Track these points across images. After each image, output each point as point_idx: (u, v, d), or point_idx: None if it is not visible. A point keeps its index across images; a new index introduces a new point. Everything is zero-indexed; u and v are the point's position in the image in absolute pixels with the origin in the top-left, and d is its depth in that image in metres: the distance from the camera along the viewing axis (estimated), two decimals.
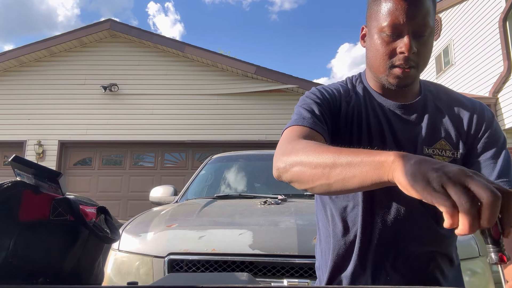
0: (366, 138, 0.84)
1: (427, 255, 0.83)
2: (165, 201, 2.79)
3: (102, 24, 7.83)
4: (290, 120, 0.86)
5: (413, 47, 0.75)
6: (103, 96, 7.71)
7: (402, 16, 0.74)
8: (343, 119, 0.86)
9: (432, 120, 0.84)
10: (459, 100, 0.88)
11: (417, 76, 0.81)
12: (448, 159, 0.81)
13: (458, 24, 9.17)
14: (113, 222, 0.73)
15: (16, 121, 7.53)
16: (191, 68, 7.86)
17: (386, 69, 0.79)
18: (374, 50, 0.80)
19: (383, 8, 0.77)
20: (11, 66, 7.77)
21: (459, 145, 0.83)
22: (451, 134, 0.83)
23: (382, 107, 0.86)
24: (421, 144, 0.82)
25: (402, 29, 0.75)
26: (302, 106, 0.85)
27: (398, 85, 0.80)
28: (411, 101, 0.86)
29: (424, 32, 0.76)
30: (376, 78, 0.85)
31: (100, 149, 7.69)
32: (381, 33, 0.78)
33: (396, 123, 0.85)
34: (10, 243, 0.59)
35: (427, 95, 0.88)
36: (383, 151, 0.57)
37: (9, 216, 0.61)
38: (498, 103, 7.46)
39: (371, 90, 0.89)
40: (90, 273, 0.68)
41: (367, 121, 0.85)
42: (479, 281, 1.46)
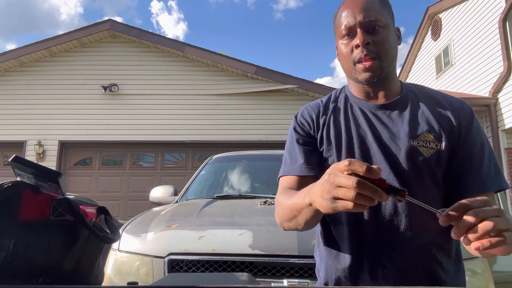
0: (346, 141, 0.90)
1: (423, 247, 0.85)
2: (165, 201, 2.79)
3: (102, 24, 7.83)
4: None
5: (366, 39, 0.83)
6: (103, 96, 7.71)
7: (351, 18, 0.85)
8: (324, 132, 0.94)
9: (414, 115, 0.89)
10: (440, 97, 0.93)
11: (385, 68, 0.86)
12: (432, 150, 0.85)
13: (458, 24, 9.16)
14: (113, 222, 0.73)
15: (16, 121, 7.53)
16: (191, 68, 7.86)
17: (352, 67, 0.87)
18: (341, 56, 0.89)
19: (339, 19, 0.89)
20: (12, 66, 7.77)
21: (442, 138, 0.86)
22: (434, 127, 0.87)
23: (362, 111, 0.92)
24: (406, 138, 0.86)
25: (354, 29, 0.85)
26: (287, 149, 0.98)
27: (367, 78, 0.86)
28: (391, 100, 0.91)
29: (375, 25, 0.85)
30: (352, 81, 0.93)
31: (100, 149, 7.69)
32: (341, 39, 0.88)
33: (377, 123, 0.89)
34: (10, 243, 0.59)
35: (408, 94, 0.93)
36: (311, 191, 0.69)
37: (9, 216, 0.61)
38: (498, 103, 7.46)
39: (352, 97, 0.95)
40: (90, 273, 0.68)
41: (346, 126, 0.91)
42: (479, 281, 1.46)
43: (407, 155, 0.84)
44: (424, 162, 0.84)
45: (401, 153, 0.85)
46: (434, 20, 10.41)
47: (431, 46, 10.66)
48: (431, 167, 0.85)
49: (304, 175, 0.90)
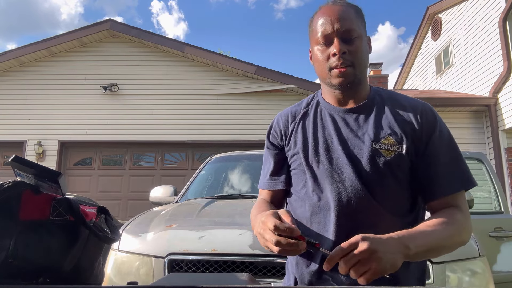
0: (313, 145, 0.95)
1: None
2: (165, 201, 2.79)
3: (102, 24, 7.82)
4: None
5: (342, 48, 0.88)
6: (103, 96, 7.71)
7: (328, 26, 0.89)
8: (292, 138, 1.00)
9: (379, 119, 0.93)
10: (405, 101, 0.96)
11: (358, 75, 0.91)
12: (394, 152, 0.90)
13: (458, 24, 9.16)
14: (113, 222, 0.73)
15: (16, 121, 7.53)
16: (191, 68, 7.86)
17: (327, 72, 0.91)
18: (316, 61, 0.93)
19: (316, 25, 0.92)
20: (11, 66, 7.77)
21: (403, 141, 0.90)
22: (396, 131, 0.91)
23: (331, 115, 0.97)
24: (369, 141, 0.90)
25: (331, 37, 0.89)
26: (264, 155, 1.08)
27: (341, 84, 0.90)
28: (359, 104, 0.95)
29: (350, 36, 0.89)
30: (325, 86, 0.96)
31: (100, 149, 7.69)
32: (317, 46, 0.92)
33: (344, 127, 0.94)
34: (10, 243, 0.59)
35: (375, 98, 0.97)
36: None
37: (9, 216, 0.61)
38: (498, 103, 7.46)
39: (323, 102, 1.00)
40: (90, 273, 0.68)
41: (314, 130, 0.97)
42: (479, 281, 1.46)
43: (369, 157, 0.89)
44: (385, 164, 0.89)
45: (364, 156, 0.90)
46: (434, 20, 10.41)
47: (431, 46, 10.66)
48: (393, 169, 0.89)
49: (269, 189, 1.03)
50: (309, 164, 0.94)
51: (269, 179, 1.03)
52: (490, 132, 7.45)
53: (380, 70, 13.10)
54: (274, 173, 1.02)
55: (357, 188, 0.88)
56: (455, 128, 7.64)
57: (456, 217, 0.87)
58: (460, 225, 0.87)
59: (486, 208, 4.16)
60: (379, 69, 13.08)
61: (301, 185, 0.96)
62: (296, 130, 1.00)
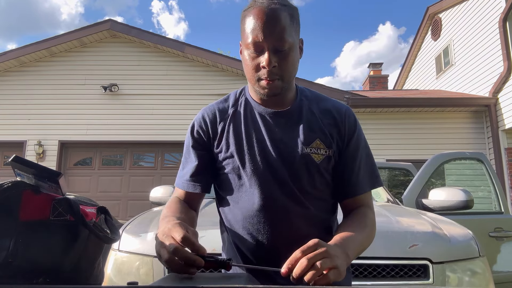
0: (247, 148, 0.92)
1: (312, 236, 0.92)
2: (165, 201, 2.78)
3: (102, 24, 7.82)
4: None
5: (273, 62, 0.83)
6: (103, 96, 7.70)
7: (260, 35, 0.83)
8: (223, 139, 0.95)
9: (308, 123, 0.94)
10: (330, 104, 0.98)
11: (285, 86, 0.89)
12: (323, 156, 0.92)
13: (458, 24, 9.16)
14: (113, 222, 0.73)
15: (16, 121, 7.53)
16: (191, 68, 7.86)
17: (255, 81, 0.88)
18: (245, 65, 0.89)
19: (247, 27, 0.86)
20: (12, 66, 7.77)
21: (332, 144, 0.93)
22: (325, 134, 0.93)
23: (262, 116, 0.95)
24: (301, 144, 0.91)
25: (262, 46, 0.84)
26: (184, 153, 1.01)
27: (267, 95, 0.88)
28: (288, 107, 0.95)
29: (282, 47, 0.84)
30: (252, 87, 0.94)
31: (100, 149, 7.69)
32: (247, 50, 0.87)
33: (276, 129, 0.93)
34: (10, 243, 0.59)
35: (303, 100, 0.97)
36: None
37: (9, 216, 0.61)
38: (498, 103, 7.46)
39: (251, 101, 0.97)
40: (90, 273, 0.68)
41: (247, 132, 0.94)
42: (479, 281, 1.46)
43: (301, 161, 0.90)
44: (316, 168, 0.91)
45: (296, 159, 0.91)
46: (434, 20, 10.40)
47: (431, 46, 10.66)
48: (322, 172, 0.92)
49: (189, 192, 0.97)
50: (244, 168, 0.92)
51: (190, 180, 0.97)
52: (490, 132, 7.45)
53: (380, 70, 13.12)
54: (196, 174, 0.96)
55: (291, 192, 0.90)
56: (455, 128, 7.65)
57: (370, 216, 0.93)
58: (372, 223, 0.92)
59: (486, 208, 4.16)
60: (379, 69, 13.10)
61: (234, 189, 0.94)
62: (228, 132, 0.95)
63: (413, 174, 3.88)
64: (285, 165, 0.90)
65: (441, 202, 2.56)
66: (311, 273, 0.65)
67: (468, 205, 2.46)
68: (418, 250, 1.46)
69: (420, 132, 7.59)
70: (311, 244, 0.70)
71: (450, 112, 7.69)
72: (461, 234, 1.63)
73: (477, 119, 7.72)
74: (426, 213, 2.03)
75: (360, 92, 9.13)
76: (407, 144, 7.51)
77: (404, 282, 1.38)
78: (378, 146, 7.31)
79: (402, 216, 1.88)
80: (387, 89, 12.32)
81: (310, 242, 0.71)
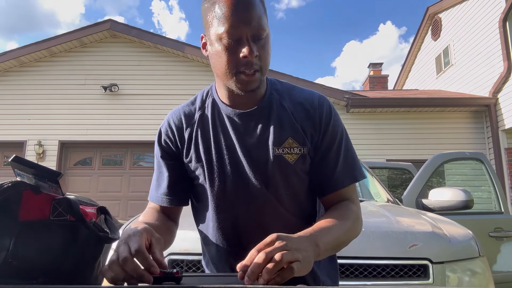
0: (218, 152, 0.87)
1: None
2: None
3: (102, 24, 7.83)
4: None
5: (255, 51, 0.76)
6: (103, 96, 7.70)
7: (238, 22, 0.75)
8: (192, 147, 0.89)
9: (278, 121, 0.87)
10: (302, 96, 0.91)
11: (262, 80, 0.83)
12: (297, 155, 0.85)
13: (458, 24, 9.16)
14: (113, 222, 0.73)
15: (16, 121, 7.53)
16: (191, 68, 7.86)
17: (233, 75, 0.79)
18: (218, 58, 0.80)
19: (218, 15, 0.76)
20: (11, 66, 7.77)
21: (306, 141, 0.86)
22: (297, 132, 0.86)
23: (230, 119, 0.87)
24: (272, 146, 0.85)
25: (240, 34, 0.76)
26: (155, 164, 0.95)
27: (246, 90, 0.80)
28: (257, 104, 0.87)
29: (261, 35, 0.78)
30: (224, 85, 0.85)
31: (100, 149, 7.69)
32: (221, 40, 0.77)
33: (245, 131, 0.87)
34: (10, 243, 0.59)
35: (273, 95, 0.90)
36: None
37: (9, 216, 0.61)
38: (498, 103, 7.46)
39: (219, 103, 0.89)
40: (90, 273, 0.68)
41: (216, 139, 0.87)
42: (479, 281, 1.46)
43: (273, 164, 0.85)
44: (290, 169, 0.85)
45: (268, 163, 0.85)
46: (434, 20, 10.40)
47: (431, 46, 10.65)
48: (297, 172, 0.86)
49: (165, 206, 0.92)
50: (213, 178, 0.86)
51: (164, 194, 0.90)
52: (490, 132, 7.45)
53: (380, 70, 13.12)
54: (170, 187, 0.90)
55: (265, 198, 0.86)
56: (455, 128, 7.65)
57: (352, 209, 0.85)
58: (355, 217, 0.84)
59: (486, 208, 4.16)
60: (379, 69, 13.10)
61: (207, 199, 0.89)
62: (196, 139, 0.88)
63: (413, 174, 3.88)
64: (258, 171, 0.85)
65: (441, 202, 2.56)
66: (270, 265, 0.59)
67: (468, 205, 2.46)
68: (418, 250, 1.46)
69: (420, 132, 7.59)
70: (268, 241, 0.64)
71: (450, 112, 7.69)
72: (461, 234, 1.63)
73: (477, 119, 7.72)
74: (426, 213, 2.03)
75: (360, 92, 9.13)
76: (407, 144, 7.51)
77: (404, 282, 1.38)
78: (378, 146, 7.31)
79: (402, 216, 1.88)
80: (387, 89, 12.32)
81: (267, 238, 0.64)
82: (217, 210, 0.89)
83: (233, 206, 0.87)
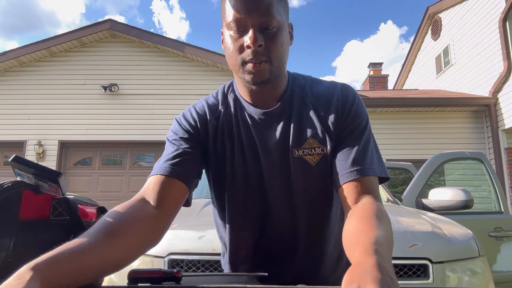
0: (240, 152, 0.83)
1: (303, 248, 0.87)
2: None
3: (102, 24, 7.83)
4: None
5: (259, 40, 0.72)
6: (103, 96, 7.70)
7: (243, 10, 0.72)
8: (213, 139, 0.84)
9: (299, 120, 0.83)
10: (324, 88, 0.86)
11: (274, 72, 0.77)
12: (318, 156, 0.81)
13: (458, 24, 9.16)
14: None
15: (16, 121, 7.53)
16: (191, 68, 7.86)
17: (240, 66, 0.76)
18: (227, 49, 0.78)
19: (227, 5, 0.74)
20: (11, 66, 7.77)
21: (326, 140, 0.81)
22: (318, 130, 0.81)
23: (252, 117, 0.84)
24: (292, 148, 0.81)
25: (245, 23, 0.73)
26: (166, 149, 0.84)
27: (254, 81, 0.76)
28: (279, 102, 0.84)
29: (269, 25, 0.73)
30: (240, 80, 0.81)
31: (100, 149, 7.69)
32: (229, 31, 0.76)
33: (266, 133, 0.83)
34: (10, 243, 0.59)
35: (295, 91, 0.85)
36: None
37: (9, 216, 0.61)
38: (498, 103, 7.46)
39: (241, 99, 0.86)
40: None
41: (238, 135, 0.84)
42: (479, 281, 1.46)
43: (294, 166, 0.81)
44: (312, 171, 0.81)
45: (290, 165, 0.82)
46: (434, 20, 10.40)
47: (431, 46, 10.65)
48: (319, 174, 0.81)
49: (168, 176, 0.76)
50: (235, 179, 0.84)
51: (170, 164, 0.78)
52: (490, 132, 7.45)
53: (380, 70, 13.11)
54: (179, 160, 0.79)
55: (285, 201, 0.83)
56: (455, 128, 7.65)
57: (383, 210, 0.71)
58: (389, 220, 0.70)
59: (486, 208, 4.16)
60: (379, 69, 13.09)
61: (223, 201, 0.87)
62: (222, 134, 0.85)
63: (413, 174, 3.88)
64: (278, 174, 0.82)
65: (441, 202, 2.56)
66: None
67: (468, 205, 2.46)
68: (418, 250, 1.46)
69: (420, 132, 7.59)
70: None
71: (450, 112, 7.69)
72: (461, 234, 1.63)
73: (477, 119, 7.72)
74: (426, 213, 2.03)
75: (360, 92, 9.13)
76: (407, 144, 7.51)
77: (404, 282, 1.38)
78: (378, 146, 7.30)
79: (402, 216, 1.88)
80: (387, 89, 12.32)
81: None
82: (239, 211, 0.86)
83: (254, 208, 0.85)
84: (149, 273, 0.63)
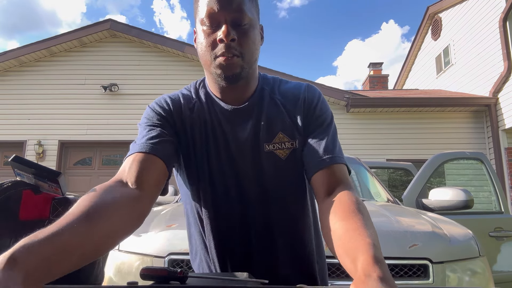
0: (213, 146, 0.84)
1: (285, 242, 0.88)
2: (165, 201, 2.79)
3: (102, 24, 7.83)
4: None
5: (231, 34, 0.74)
6: (103, 96, 7.71)
7: (216, 5, 0.74)
8: (188, 129, 0.84)
9: (269, 115, 0.85)
10: (291, 86, 0.90)
11: (246, 68, 0.78)
12: (288, 150, 0.83)
13: (458, 24, 9.16)
14: None
15: (16, 121, 7.53)
16: (191, 68, 7.86)
17: (212, 60, 0.77)
18: (200, 45, 0.79)
19: (201, 1, 0.77)
20: (11, 66, 7.77)
21: (295, 134, 0.84)
22: (287, 124, 0.84)
23: (223, 113, 0.84)
24: (262, 143, 0.83)
25: (219, 19, 0.75)
26: (139, 133, 0.81)
27: (226, 75, 0.76)
28: (248, 100, 0.85)
29: (241, 21, 0.75)
30: (211, 76, 0.82)
31: (100, 149, 7.69)
32: (202, 26, 0.77)
33: (237, 127, 0.84)
34: (10, 243, 0.59)
35: (264, 90, 0.88)
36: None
37: (9, 216, 0.61)
38: (498, 103, 7.46)
39: (212, 95, 0.86)
40: (90, 273, 0.68)
41: (212, 129, 0.84)
42: (479, 281, 1.46)
43: (266, 161, 0.83)
44: (283, 166, 0.83)
45: (261, 160, 0.83)
46: (434, 20, 10.40)
47: (431, 46, 10.66)
48: (290, 168, 0.84)
49: (149, 154, 0.74)
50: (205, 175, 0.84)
51: (149, 142, 0.76)
52: (490, 132, 7.45)
53: (380, 70, 13.12)
54: (158, 140, 0.77)
55: (259, 196, 0.84)
56: (455, 128, 7.65)
57: (360, 201, 0.69)
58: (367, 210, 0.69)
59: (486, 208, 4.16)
60: (379, 69, 13.10)
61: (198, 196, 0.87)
62: (194, 119, 0.85)
63: (413, 174, 3.89)
64: (250, 169, 0.83)
65: (441, 202, 2.56)
66: None
67: (468, 205, 2.46)
68: (418, 250, 1.46)
69: (420, 132, 7.59)
70: None
71: (450, 112, 7.69)
72: (461, 234, 1.63)
73: (477, 119, 7.72)
74: (426, 213, 2.03)
75: (360, 92, 9.13)
76: (407, 144, 7.51)
77: (404, 282, 1.38)
78: (378, 146, 7.31)
79: (402, 216, 1.88)
80: (387, 89, 12.32)
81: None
82: (212, 209, 0.86)
83: (230, 201, 0.85)
84: (158, 271, 0.63)
